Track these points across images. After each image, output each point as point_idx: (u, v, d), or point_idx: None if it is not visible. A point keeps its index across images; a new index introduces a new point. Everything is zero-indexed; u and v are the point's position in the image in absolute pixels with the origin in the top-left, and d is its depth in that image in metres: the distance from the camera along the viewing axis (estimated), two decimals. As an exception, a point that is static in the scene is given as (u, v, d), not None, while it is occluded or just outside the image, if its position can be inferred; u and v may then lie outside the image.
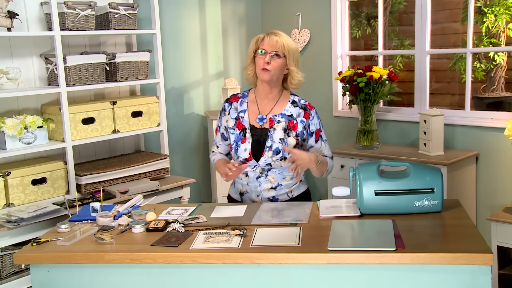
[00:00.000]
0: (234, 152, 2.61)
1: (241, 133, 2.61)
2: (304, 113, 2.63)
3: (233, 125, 2.64)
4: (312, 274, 1.96)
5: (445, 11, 5.18)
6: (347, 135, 4.48)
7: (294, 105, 2.64)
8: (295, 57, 2.59)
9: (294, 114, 2.62)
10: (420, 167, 2.33)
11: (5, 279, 3.01)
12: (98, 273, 2.10)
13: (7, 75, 3.19)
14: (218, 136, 2.74)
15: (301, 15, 4.67)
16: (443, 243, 2.01)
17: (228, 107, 2.68)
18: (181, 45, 4.39)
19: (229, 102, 2.70)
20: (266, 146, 2.57)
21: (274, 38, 2.53)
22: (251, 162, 2.58)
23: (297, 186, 2.70)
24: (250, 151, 2.58)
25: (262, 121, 2.61)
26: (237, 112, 2.65)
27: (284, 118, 2.60)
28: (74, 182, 3.40)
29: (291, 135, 2.58)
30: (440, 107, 3.99)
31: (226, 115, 2.68)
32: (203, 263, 2.00)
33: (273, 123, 2.60)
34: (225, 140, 2.71)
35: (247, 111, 2.64)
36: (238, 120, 2.63)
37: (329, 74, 4.56)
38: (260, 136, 2.60)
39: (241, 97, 2.69)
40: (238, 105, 2.67)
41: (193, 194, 4.27)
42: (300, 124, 2.60)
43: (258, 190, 2.63)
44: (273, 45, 2.52)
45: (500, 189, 3.70)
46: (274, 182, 2.62)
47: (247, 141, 2.59)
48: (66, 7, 3.33)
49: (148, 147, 4.13)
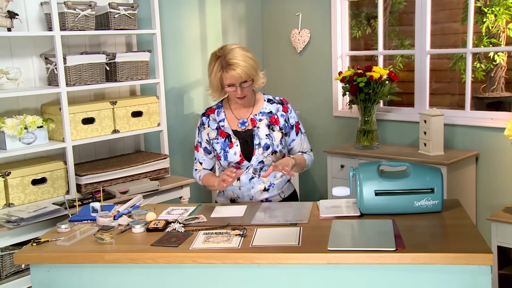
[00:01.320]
0: (224, 159, 2.61)
1: (226, 140, 2.62)
2: (282, 107, 2.66)
3: (216, 135, 2.64)
4: (312, 274, 1.96)
5: (445, 11, 5.18)
6: (347, 135, 4.48)
7: (271, 102, 2.67)
8: (256, 71, 2.53)
9: (273, 110, 2.65)
10: (420, 167, 2.33)
11: (5, 279, 3.00)
12: (98, 273, 2.10)
13: (7, 75, 3.19)
14: (200, 152, 2.71)
15: (301, 15, 4.67)
16: (443, 243, 2.01)
17: (206, 120, 2.68)
18: (181, 45, 4.39)
19: (206, 115, 2.70)
20: (255, 144, 2.59)
21: (234, 72, 2.44)
22: (243, 164, 2.59)
23: (287, 186, 2.72)
24: (241, 153, 2.58)
25: (244, 125, 2.63)
26: (217, 122, 2.66)
27: (264, 115, 2.63)
28: (74, 182, 3.40)
29: (275, 129, 2.61)
30: (440, 107, 3.99)
31: (206, 128, 2.67)
32: (203, 263, 2.01)
33: (255, 122, 2.62)
34: (208, 154, 2.70)
35: (225, 119, 2.65)
36: (220, 129, 2.64)
37: (329, 74, 4.56)
38: (246, 137, 2.61)
39: (216, 108, 2.70)
40: (216, 116, 2.67)
41: (193, 194, 4.27)
42: (281, 118, 2.64)
43: (251, 193, 2.63)
44: (237, 78, 2.46)
45: (500, 189, 3.70)
46: (267, 182, 2.63)
47: (235, 144, 2.60)
48: (66, 7, 3.33)
49: (148, 147, 4.13)
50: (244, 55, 2.49)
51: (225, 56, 2.47)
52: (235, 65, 2.45)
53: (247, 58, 2.49)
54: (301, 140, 2.71)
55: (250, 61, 2.49)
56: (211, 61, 2.54)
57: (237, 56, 2.46)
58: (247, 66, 2.47)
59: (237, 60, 2.45)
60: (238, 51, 2.49)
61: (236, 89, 2.50)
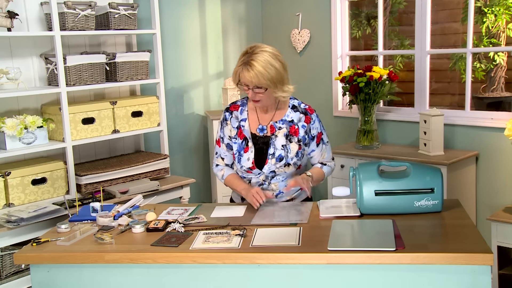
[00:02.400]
0: (237, 161, 2.59)
1: (243, 143, 2.58)
2: (305, 118, 2.58)
3: (235, 134, 2.61)
4: (312, 274, 1.96)
5: (445, 11, 5.18)
6: (347, 135, 4.48)
7: (295, 110, 2.59)
8: (278, 81, 2.41)
9: (295, 119, 2.57)
10: (420, 167, 2.33)
11: (5, 279, 3.01)
12: (98, 273, 2.10)
13: (7, 75, 3.19)
14: (222, 147, 2.66)
15: (301, 15, 4.67)
16: (443, 243, 2.01)
17: (229, 117, 2.63)
18: (181, 45, 4.39)
19: (230, 111, 2.64)
20: (269, 154, 2.55)
21: (247, 74, 2.36)
22: (254, 170, 2.57)
23: (299, 194, 2.67)
24: (253, 160, 2.56)
25: (263, 132, 2.58)
26: (238, 121, 2.61)
27: (285, 124, 2.57)
28: (74, 182, 3.40)
29: (293, 141, 2.56)
30: (440, 107, 3.99)
31: (228, 124, 2.63)
32: (203, 263, 2.01)
33: (275, 130, 2.57)
34: (230, 149, 2.65)
35: (247, 119, 2.61)
36: (240, 129, 2.60)
37: (329, 74, 4.56)
38: (262, 144, 2.58)
39: (240, 105, 2.64)
40: (239, 114, 2.63)
41: (193, 194, 4.27)
42: (301, 129, 2.57)
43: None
44: (250, 82, 2.39)
45: (500, 189, 3.70)
46: (276, 190, 2.60)
47: (250, 150, 2.57)
48: (66, 7, 3.33)
49: (148, 147, 4.13)
50: (267, 62, 2.38)
51: (251, 55, 2.39)
52: (252, 67, 2.36)
53: (269, 66, 2.38)
54: (321, 151, 2.64)
55: (272, 70, 2.38)
56: (241, 55, 2.45)
57: (260, 60, 2.37)
58: (264, 74, 2.36)
59: (257, 64, 2.36)
60: (264, 56, 2.39)
61: (249, 91, 2.45)
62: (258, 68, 2.36)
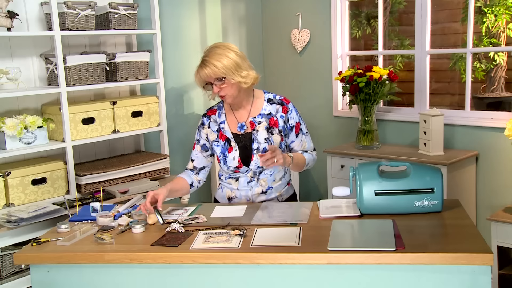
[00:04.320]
0: (223, 163, 2.61)
1: (226, 144, 2.61)
2: (282, 108, 2.63)
3: (216, 137, 2.64)
4: (312, 274, 1.96)
5: (445, 11, 5.18)
6: (347, 135, 4.48)
7: (271, 103, 2.64)
8: (233, 68, 2.47)
9: (273, 111, 2.62)
10: (420, 167, 2.33)
11: (5, 279, 3.00)
12: (98, 273, 2.10)
13: (7, 75, 3.19)
14: (196, 149, 2.70)
15: (301, 15, 4.67)
16: (443, 243, 2.01)
17: (207, 121, 2.68)
18: (181, 45, 4.39)
19: (207, 116, 2.69)
20: (253, 149, 2.58)
21: (204, 71, 2.45)
22: (242, 168, 2.59)
23: (286, 190, 2.71)
24: (239, 158, 2.58)
25: (243, 129, 2.61)
26: (217, 124, 2.65)
27: (264, 118, 2.61)
28: (74, 182, 3.40)
29: (274, 132, 2.59)
30: (440, 107, 3.99)
31: (206, 128, 2.67)
32: (203, 263, 2.01)
33: (255, 125, 2.60)
34: (205, 151, 2.69)
35: (226, 121, 2.64)
36: (220, 131, 2.63)
37: (329, 74, 4.56)
38: (245, 141, 2.60)
39: (217, 109, 2.69)
40: (217, 117, 2.67)
41: (193, 194, 4.27)
42: (280, 119, 2.61)
43: (248, 195, 2.63)
44: (208, 77, 2.47)
45: (500, 189, 3.70)
46: (265, 186, 2.62)
47: (234, 149, 2.60)
48: (66, 7, 3.33)
49: (148, 147, 4.13)
50: (218, 54, 2.46)
51: (204, 57, 2.50)
52: (205, 63, 2.46)
53: (221, 57, 2.45)
54: (301, 141, 2.68)
55: (224, 59, 2.45)
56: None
57: (211, 55, 2.46)
58: (217, 65, 2.44)
59: (209, 59, 2.46)
60: (215, 50, 2.48)
61: (214, 87, 2.50)
62: (211, 61, 2.45)
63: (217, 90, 2.51)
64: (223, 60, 2.45)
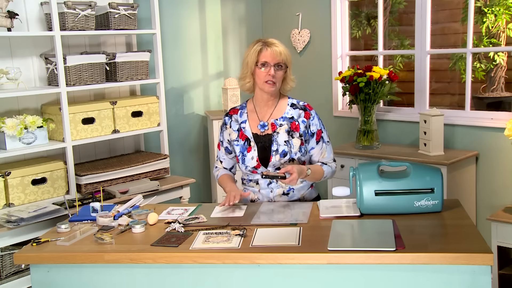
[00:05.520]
0: (242, 162, 2.61)
1: (246, 143, 2.61)
2: (305, 114, 2.63)
3: (236, 136, 2.64)
4: (312, 274, 1.96)
5: (445, 11, 5.18)
6: (347, 135, 4.48)
7: (294, 107, 2.64)
8: (291, 64, 2.63)
9: (295, 115, 2.62)
10: (420, 167, 2.33)
11: (5, 279, 3.01)
12: (98, 273, 2.10)
13: (7, 75, 3.19)
14: (221, 151, 2.74)
15: (301, 15, 4.67)
16: (443, 243, 2.01)
17: (228, 121, 2.69)
18: (181, 45, 4.39)
19: (229, 115, 2.71)
20: (272, 150, 2.57)
21: (276, 49, 2.54)
22: (260, 169, 2.58)
23: (309, 192, 2.69)
24: (258, 158, 2.58)
25: (264, 128, 2.61)
26: (239, 123, 2.66)
27: (285, 121, 2.61)
28: (74, 182, 3.40)
29: (294, 136, 2.58)
30: (440, 107, 3.99)
31: (228, 128, 2.68)
32: (203, 263, 2.01)
33: (276, 127, 2.60)
34: (229, 153, 2.71)
35: (247, 121, 2.65)
36: (241, 131, 2.64)
37: (329, 74, 4.56)
38: (265, 142, 2.60)
39: (239, 109, 2.70)
40: (239, 117, 2.67)
41: (193, 194, 4.27)
42: (301, 124, 2.61)
43: (270, 196, 2.62)
44: (276, 56, 2.53)
45: (500, 189, 3.70)
46: (286, 187, 2.61)
47: (253, 149, 2.59)
48: (66, 7, 3.33)
49: (148, 147, 4.13)
50: (283, 46, 2.60)
51: (267, 41, 2.58)
52: (277, 44, 2.56)
53: (286, 48, 2.60)
54: (321, 149, 2.65)
55: (288, 52, 2.60)
56: (251, 45, 2.60)
57: (278, 43, 2.58)
58: (285, 52, 2.57)
59: (278, 44, 2.57)
60: (278, 42, 2.60)
61: (270, 69, 2.52)
62: (280, 47, 2.57)
63: (272, 72, 2.53)
64: (287, 52, 2.60)
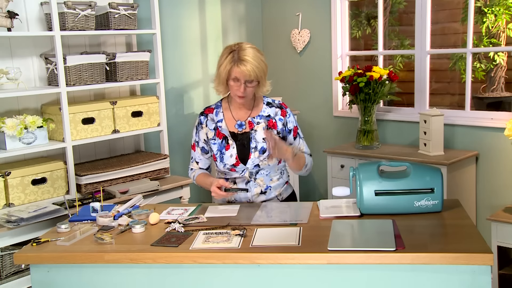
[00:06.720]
0: (220, 160, 2.60)
1: (223, 141, 2.61)
2: (281, 112, 2.65)
3: (213, 135, 2.64)
4: (312, 274, 1.96)
5: (445, 11, 5.18)
6: (347, 135, 4.48)
7: (270, 106, 2.66)
8: (264, 75, 2.55)
9: (272, 114, 2.64)
10: (420, 167, 2.33)
11: (5, 279, 3.00)
12: (98, 273, 2.10)
13: (7, 75, 3.19)
14: (197, 151, 2.71)
15: (301, 15, 4.67)
16: (443, 243, 2.01)
17: (204, 120, 2.68)
18: (181, 45, 4.39)
19: (205, 114, 2.69)
20: (251, 147, 2.58)
21: (244, 68, 2.44)
22: (238, 167, 2.59)
23: (285, 188, 2.72)
24: (237, 155, 2.58)
25: (242, 127, 2.62)
26: (215, 122, 2.65)
27: (262, 119, 2.62)
28: (74, 182, 3.40)
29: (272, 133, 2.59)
30: (440, 107, 3.99)
31: (204, 127, 2.67)
32: (203, 263, 2.01)
33: (253, 125, 2.61)
34: (205, 153, 2.70)
35: (223, 119, 2.65)
36: (217, 129, 2.64)
37: (329, 74, 4.56)
38: (243, 140, 2.61)
39: (215, 107, 2.69)
40: (214, 116, 2.67)
41: (193, 194, 4.27)
42: (279, 122, 2.63)
43: (248, 196, 2.63)
44: (246, 75, 2.46)
45: (500, 189, 3.70)
46: (263, 185, 2.62)
47: (231, 147, 2.60)
48: (66, 7, 3.33)
49: (148, 147, 4.13)
50: (257, 56, 2.50)
51: (239, 52, 2.48)
52: (247, 61, 2.45)
53: (259, 60, 2.50)
54: (299, 145, 2.69)
55: (262, 64, 2.51)
56: (224, 53, 2.53)
57: (251, 55, 2.47)
58: (258, 67, 2.47)
59: (250, 58, 2.46)
60: (252, 51, 2.50)
61: (240, 86, 2.49)
62: (252, 63, 2.46)
63: (243, 89, 2.50)
64: (261, 64, 2.51)
